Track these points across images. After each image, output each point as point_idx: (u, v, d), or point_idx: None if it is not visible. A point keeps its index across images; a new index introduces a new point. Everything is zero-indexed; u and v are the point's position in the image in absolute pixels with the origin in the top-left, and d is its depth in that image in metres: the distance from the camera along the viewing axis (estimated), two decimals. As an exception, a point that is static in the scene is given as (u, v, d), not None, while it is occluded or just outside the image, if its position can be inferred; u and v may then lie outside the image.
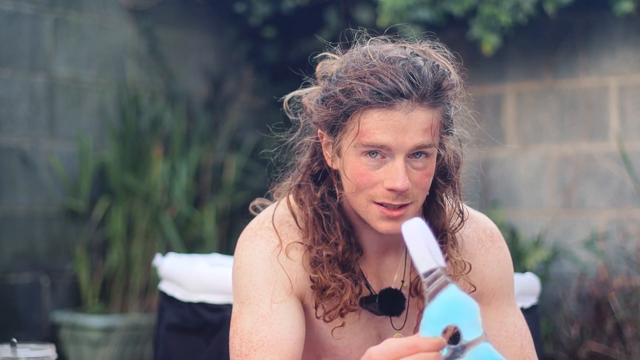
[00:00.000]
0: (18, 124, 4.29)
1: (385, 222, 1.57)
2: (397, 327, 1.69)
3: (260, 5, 4.79)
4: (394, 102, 1.51)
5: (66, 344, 4.29)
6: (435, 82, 1.53)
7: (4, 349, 1.66)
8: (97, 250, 4.51)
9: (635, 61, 4.07)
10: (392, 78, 1.51)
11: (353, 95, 1.52)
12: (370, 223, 1.59)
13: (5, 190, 4.23)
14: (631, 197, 4.02)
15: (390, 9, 4.16)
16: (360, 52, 1.59)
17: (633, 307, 3.74)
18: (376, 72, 1.52)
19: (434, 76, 1.53)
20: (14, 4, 4.29)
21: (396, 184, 1.53)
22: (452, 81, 1.56)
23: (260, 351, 1.56)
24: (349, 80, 1.54)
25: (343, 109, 1.54)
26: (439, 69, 1.55)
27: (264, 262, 1.63)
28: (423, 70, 1.53)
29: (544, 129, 4.27)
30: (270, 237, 1.65)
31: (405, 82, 1.51)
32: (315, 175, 1.66)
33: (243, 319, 1.60)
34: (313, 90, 1.68)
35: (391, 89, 1.50)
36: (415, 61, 1.54)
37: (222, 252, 4.56)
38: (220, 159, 4.86)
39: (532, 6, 3.96)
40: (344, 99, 1.53)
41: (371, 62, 1.54)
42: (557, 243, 4.15)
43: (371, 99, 1.51)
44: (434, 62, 1.56)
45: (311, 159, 1.66)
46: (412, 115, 1.52)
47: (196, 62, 5.02)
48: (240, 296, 1.63)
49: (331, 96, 1.56)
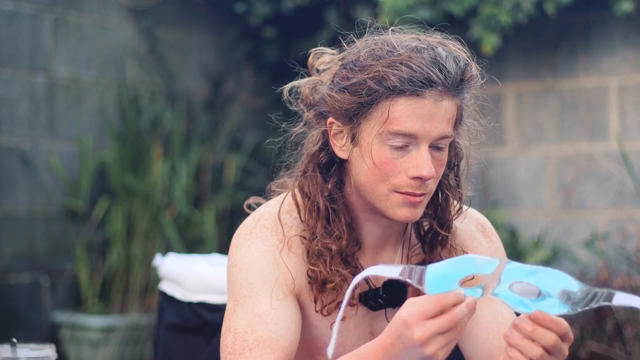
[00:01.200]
0: (18, 124, 4.29)
1: (406, 209, 1.56)
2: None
3: (260, 5, 4.79)
4: (425, 90, 1.51)
5: (66, 344, 4.29)
6: (461, 72, 1.55)
7: (4, 349, 1.66)
8: (97, 250, 4.51)
9: (635, 61, 4.07)
10: (424, 67, 1.51)
11: (385, 82, 1.52)
12: (387, 211, 1.58)
13: (5, 190, 4.23)
14: (631, 197, 4.02)
15: (390, 9, 4.16)
16: (378, 42, 1.58)
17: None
18: (406, 60, 1.52)
19: (458, 66, 1.55)
20: (14, 4, 4.29)
21: (422, 171, 1.53)
22: (473, 72, 1.58)
23: (255, 350, 1.55)
24: (379, 67, 1.52)
25: (372, 96, 1.53)
26: (459, 59, 1.56)
27: (259, 260, 1.62)
28: (449, 60, 1.54)
29: (544, 129, 4.27)
30: (266, 236, 1.64)
31: (435, 70, 1.51)
32: (322, 166, 1.64)
33: (237, 317, 1.59)
34: (311, 80, 1.68)
35: (423, 77, 1.51)
36: (439, 51, 1.54)
37: (222, 252, 4.55)
38: (220, 159, 4.86)
39: (532, 6, 3.96)
40: (375, 85, 1.52)
41: (397, 51, 1.53)
42: (557, 243, 4.15)
43: (403, 86, 1.51)
44: (455, 53, 1.57)
45: (318, 148, 1.64)
46: (440, 104, 1.53)
47: (196, 62, 5.02)
48: (235, 294, 1.62)
49: (357, 83, 1.54)
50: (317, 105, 1.63)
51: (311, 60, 1.69)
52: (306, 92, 1.67)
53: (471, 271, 1.41)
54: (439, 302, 1.38)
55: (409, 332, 1.38)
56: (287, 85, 1.71)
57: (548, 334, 1.41)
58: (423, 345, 1.37)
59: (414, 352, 1.39)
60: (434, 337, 1.37)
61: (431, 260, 1.66)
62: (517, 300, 1.42)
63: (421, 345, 1.37)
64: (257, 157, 5.00)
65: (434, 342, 1.37)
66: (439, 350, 1.38)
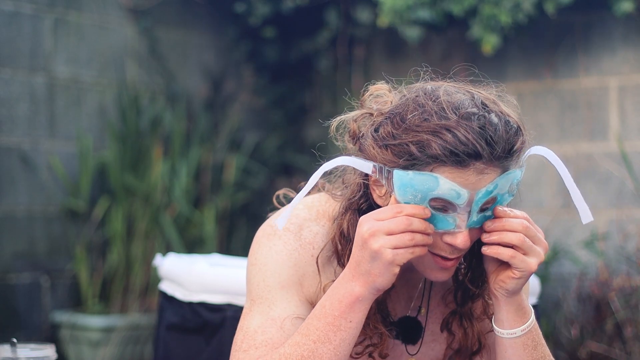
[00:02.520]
0: (18, 124, 4.29)
1: (439, 272, 1.54)
2: (411, 353, 1.69)
3: (260, 5, 4.79)
4: (469, 162, 1.45)
5: (66, 344, 4.29)
6: (510, 143, 1.49)
7: (4, 349, 1.66)
8: (97, 250, 4.51)
9: (635, 61, 4.07)
10: (470, 138, 1.44)
11: (427, 150, 1.45)
12: (418, 266, 1.55)
13: (5, 190, 4.23)
14: (631, 197, 4.02)
15: (390, 9, 4.16)
16: (428, 98, 1.51)
17: (633, 307, 3.74)
18: (452, 128, 1.44)
19: (507, 136, 1.48)
20: (14, 4, 4.29)
21: (457, 241, 1.49)
22: (524, 142, 1.53)
23: (260, 349, 1.55)
24: (422, 132, 1.46)
25: (413, 162, 1.47)
26: (511, 127, 1.50)
27: (278, 263, 1.60)
28: (499, 129, 1.47)
29: (544, 129, 4.27)
30: (289, 239, 1.62)
31: (482, 143, 1.44)
32: (362, 212, 1.58)
33: (252, 317, 1.59)
34: (360, 114, 1.60)
35: (470, 150, 1.44)
36: (490, 119, 1.47)
37: (222, 252, 4.56)
38: (220, 159, 4.86)
39: (532, 6, 3.96)
40: (417, 152, 1.45)
41: (446, 115, 1.46)
42: (557, 243, 4.15)
43: (447, 158, 1.44)
44: (506, 119, 1.50)
45: (358, 195, 1.60)
46: (483, 177, 1.47)
47: (196, 62, 5.02)
48: (252, 294, 1.62)
49: (401, 145, 1.48)
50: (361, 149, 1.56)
51: (367, 96, 1.61)
52: (354, 128, 1.60)
53: (434, 189, 1.45)
54: (393, 208, 1.47)
55: (359, 229, 1.47)
56: (335, 120, 1.62)
57: (513, 221, 1.51)
58: (369, 238, 1.45)
59: (365, 252, 1.46)
60: (381, 235, 1.45)
61: (463, 311, 1.65)
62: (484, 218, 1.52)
63: (368, 239, 1.45)
64: (257, 157, 5.00)
65: (381, 239, 1.45)
66: (386, 249, 1.45)
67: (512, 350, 1.56)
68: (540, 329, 1.61)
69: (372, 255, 1.46)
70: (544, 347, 1.59)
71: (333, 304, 1.50)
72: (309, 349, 1.50)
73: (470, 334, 1.66)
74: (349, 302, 1.50)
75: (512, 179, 1.51)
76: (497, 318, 1.57)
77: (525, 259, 1.50)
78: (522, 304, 1.55)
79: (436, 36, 4.41)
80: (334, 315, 1.50)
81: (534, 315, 1.57)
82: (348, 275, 1.50)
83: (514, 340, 1.55)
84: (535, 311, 2.45)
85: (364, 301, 1.50)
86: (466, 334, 1.66)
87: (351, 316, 1.50)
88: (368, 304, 1.51)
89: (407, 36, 4.20)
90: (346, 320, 1.50)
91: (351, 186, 1.61)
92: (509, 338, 1.55)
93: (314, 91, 5.08)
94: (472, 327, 1.66)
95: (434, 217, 1.48)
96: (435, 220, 1.48)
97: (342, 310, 1.50)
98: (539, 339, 1.58)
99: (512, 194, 1.53)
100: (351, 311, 1.50)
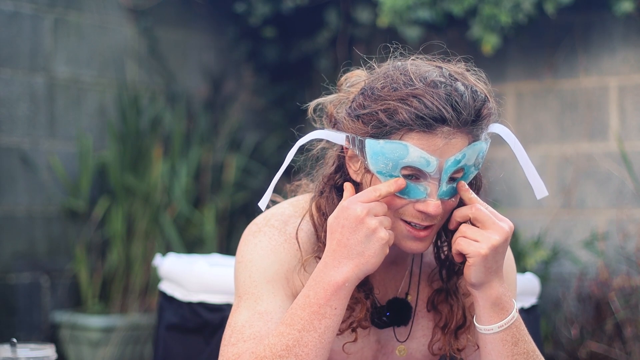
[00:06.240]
0: (18, 124, 4.29)
1: (412, 242, 1.57)
2: (401, 339, 1.70)
3: (260, 5, 4.79)
4: (436, 127, 1.49)
5: (66, 344, 4.29)
6: (476, 110, 1.52)
7: (4, 349, 1.66)
8: (97, 250, 4.51)
9: (635, 61, 4.07)
10: (436, 103, 1.49)
11: (395, 116, 1.50)
12: (396, 241, 1.58)
13: (5, 190, 4.24)
14: (631, 197, 4.02)
15: (390, 9, 4.16)
16: (397, 70, 1.56)
17: (633, 307, 3.74)
18: (419, 95, 1.50)
19: (475, 103, 1.52)
20: (14, 4, 4.29)
21: (428, 208, 1.53)
22: (490, 109, 1.56)
23: (248, 342, 1.57)
24: (390, 100, 1.51)
25: (382, 129, 1.52)
26: (478, 95, 1.54)
27: (264, 259, 1.63)
28: (465, 96, 1.51)
29: (544, 129, 4.27)
30: (273, 234, 1.65)
31: (448, 108, 1.49)
32: (338, 187, 1.64)
33: (239, 312, 1.62)
34: (337, 98, 1.66)
35: (435, 115, 1.49)
36: (456, 87, 1.52)
37: (222, 252, 4.56)
38: (220, 159, 4.86)
39: (532, 6, 3.96)
40: (386, 119, 1.51)
41: (413, 84, 1.51)
42: (557, 243, 4.15)
43: (414, 122, 1.49)
44: (473, 87, 1.54)
45: (334, 170, 1.65)
46: (450, 141, 1.51)
47: (196, 62, 5.02)
48: (239, 290, 1.64)
49: (370, 114, 1.53)
50: (336, 126, 1.63)
51: (342, 80, 1.68)
52: (331, 110, 1.66)
53: (404, 156, 1.50)
54: (373, 191, 1.52)
55: (351, 211, 1.50)
56: (313, 102, 1.71)
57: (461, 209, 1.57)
58: (366, 217, 1.50)
59: (359, 232, 1.50)
60: (372, 215, 1.50)
61: (449, 287, 1.68)
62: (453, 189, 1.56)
63: (364, 218, 1.49)
64: (257, 157, 5.00)
65: (375, 219, 1.50)
66: (382, 228, 1.50)
67: (491, 345, 1.58)
68: (540, 329, 1.62)
69: (368, 234, 1.49)
70: (527, 344, 1.59)
71: (318, 293, 1.52)
72: (294, 337, 1.52)
73: (456, 309, 1.67)
74: (334, 289, 1.52)
75: (479, 150, 1.55)
76: (476, 313, 1.59)
77: (473, 243, 1.53)
78: (499, 301, 1.56)
79: (436, 36, 4.41)
80: (319, 304, 1.52)
81: (516, 312, 1.58)
82: (331, 262, 1.52)
83: (492, 336, 1.57)
84: (535, 311, 2.45)
85: (348, 287, 1.52)
86: (452, 311, 1.68)
87: (336, 303, 1.52)
88: (351, 289, 1.53)
89: (407, 36, 4.20)
90: (331, 308, 1.52)
91: (328, 162, 1.66)
92: (486, 334, 1.57)
93: (314, 91, 5.08)
94: (458, 303, 1.68)
95: (406, 186, 1.53)
96: (408, 189, 1.53)
97: (327, 298, 1.52)
98: (521, 335, 1.58)
99: (477, 167, 1.58)
100: (336, 298, 1.52)
